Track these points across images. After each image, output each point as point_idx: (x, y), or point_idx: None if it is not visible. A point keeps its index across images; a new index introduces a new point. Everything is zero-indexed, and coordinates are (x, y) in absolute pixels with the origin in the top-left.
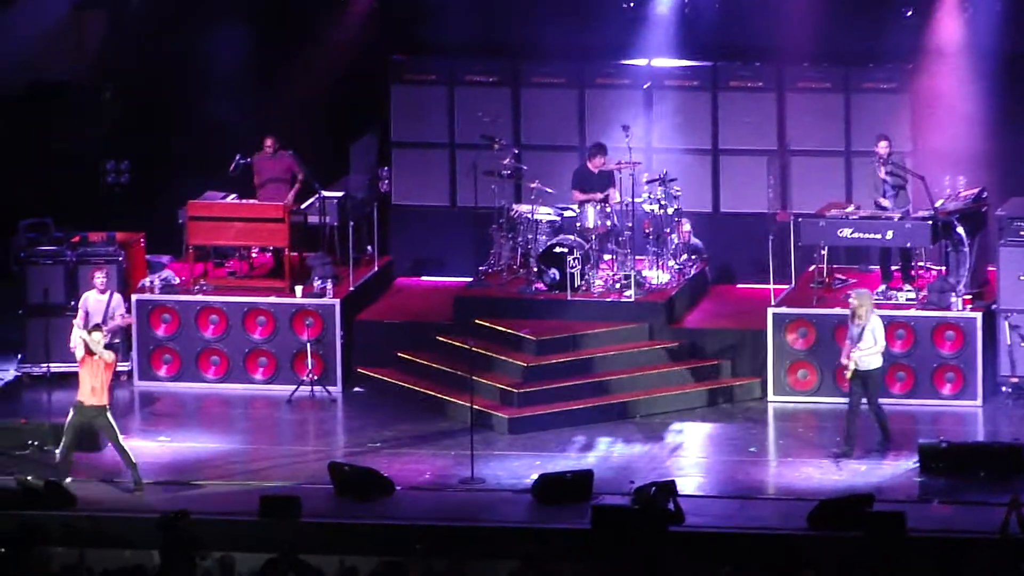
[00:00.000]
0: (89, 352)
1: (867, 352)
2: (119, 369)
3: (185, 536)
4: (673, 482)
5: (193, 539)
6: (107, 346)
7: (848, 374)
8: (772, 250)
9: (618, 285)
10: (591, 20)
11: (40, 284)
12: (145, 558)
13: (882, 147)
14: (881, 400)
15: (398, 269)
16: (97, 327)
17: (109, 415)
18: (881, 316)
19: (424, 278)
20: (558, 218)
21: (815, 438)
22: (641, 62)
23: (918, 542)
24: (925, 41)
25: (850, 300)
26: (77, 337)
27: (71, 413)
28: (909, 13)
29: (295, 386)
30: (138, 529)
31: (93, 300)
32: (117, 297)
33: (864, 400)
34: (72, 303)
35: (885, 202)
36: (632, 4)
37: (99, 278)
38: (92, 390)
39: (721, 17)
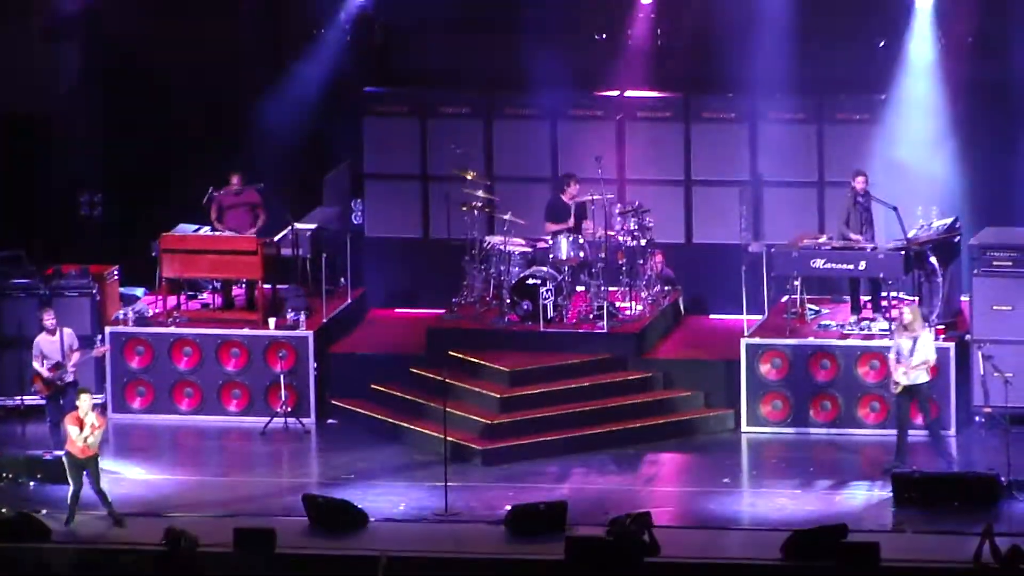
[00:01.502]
0: (80, 422)
1: (921, 366)
2: (94, 402)
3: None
4: (648, 513)
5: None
6: (71, 383)
7: (897, 389)
8: (745, 281)
9: (591, 316)
10: (563, 52)
11: (13, 317)
12: None
13: (859, 182)
14: (854, 431)
15: (371, 301)
16: (85, 390)
17: (98, 461)
18: (854, 347)
19: (397, 310)
20: (531, 249)
21: (788, 469)
22: (613, 93)
23: (892, 572)
24: (897, 72)
25: (903, 315)
26: (78, 433)
27: (65, 463)
28: (881, 44)
29: (269, 418)
30: (117, 561)
31: (45, 342)
32: (69, 333)
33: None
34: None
35: (855, 236)
36: (604, 36)
37: (48, 320)
38: (83, 450)
39: (693, 48)
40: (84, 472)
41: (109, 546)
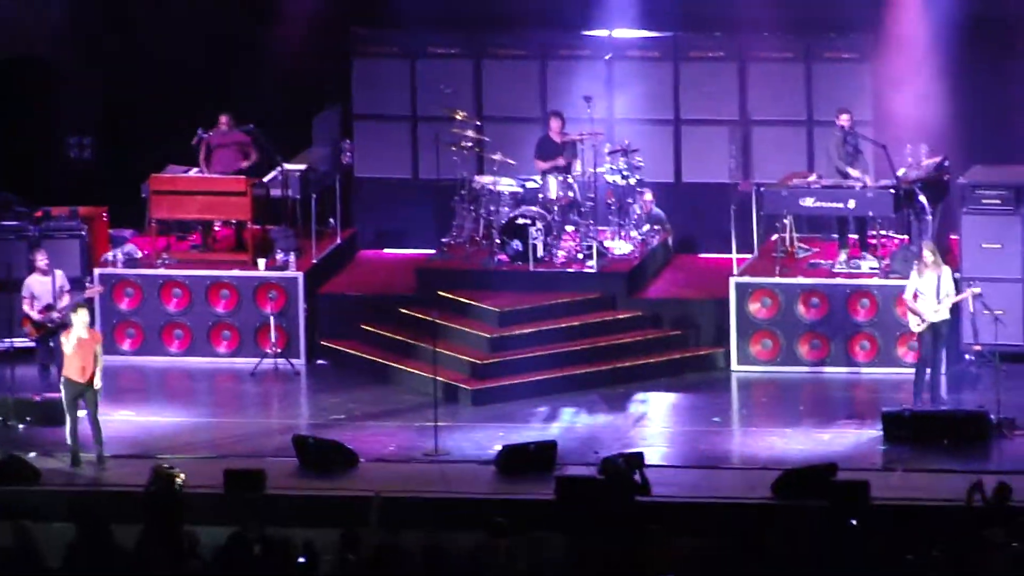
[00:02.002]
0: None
1: (946, 303)
2: None
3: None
4: (641, 453)
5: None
6: (61, 324)
7: (921, 328)
8: (734, 220)
9: (580, 256)
10: None
11: (2, 259)
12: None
13: (844, 119)
14: (844, 368)
15: (361, 241)
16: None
17: (96, 390)
18: (844, 285)
19: (387, 250)
20: (520, 189)
21: (778, 407)
22: (602, 33)
23: (882, 510)
24: (886, 10)
25: (925, 254)
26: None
27: (63, 392)
28: None
29: (259, 359)
30: (102, 503)
31: (37, 283)
32: (60, 274)
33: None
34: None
35: (854, 171)
36: None
37: (41, 260)
38: (82, 370)
39: None
40: (80, 402)
41: (97, 488)
